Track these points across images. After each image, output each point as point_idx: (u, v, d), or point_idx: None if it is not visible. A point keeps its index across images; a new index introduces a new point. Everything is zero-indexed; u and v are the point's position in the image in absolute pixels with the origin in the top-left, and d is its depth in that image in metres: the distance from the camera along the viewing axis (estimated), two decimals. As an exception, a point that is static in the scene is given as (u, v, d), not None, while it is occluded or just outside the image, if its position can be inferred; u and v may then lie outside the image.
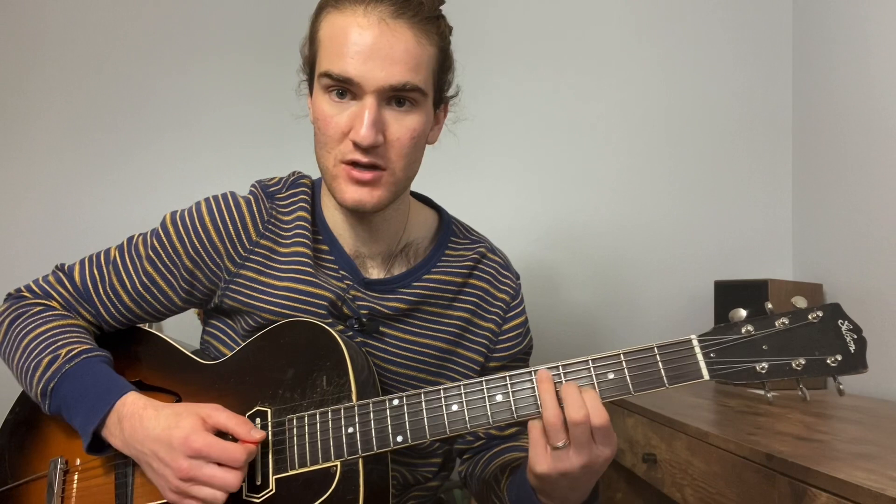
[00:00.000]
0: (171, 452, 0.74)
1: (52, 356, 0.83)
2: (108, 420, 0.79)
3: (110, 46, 1.84)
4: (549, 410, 0.69)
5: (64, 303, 0.92)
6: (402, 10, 0.78)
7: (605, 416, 0.69)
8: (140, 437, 0.77)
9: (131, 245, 0.93)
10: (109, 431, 0.80)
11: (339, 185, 0.83)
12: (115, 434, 0.79)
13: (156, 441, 0.75)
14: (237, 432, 0.76)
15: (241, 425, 0.77)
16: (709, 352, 0.70)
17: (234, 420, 0.77)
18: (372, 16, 0.78)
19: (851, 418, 1.20)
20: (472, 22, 1.84)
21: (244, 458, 0.74)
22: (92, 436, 0.80)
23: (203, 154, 1.84)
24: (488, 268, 0.99)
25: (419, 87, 0.80)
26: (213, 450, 0.74)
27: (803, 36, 1.85)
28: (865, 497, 0.70)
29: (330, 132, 0.81)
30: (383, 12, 0.78)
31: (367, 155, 0.80)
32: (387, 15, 0.78)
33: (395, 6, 0.78)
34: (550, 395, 0.70)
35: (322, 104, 0.82)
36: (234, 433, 0.76)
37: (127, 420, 0.78)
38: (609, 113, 1.89)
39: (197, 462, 0.73)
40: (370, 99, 0.79)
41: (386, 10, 0.78)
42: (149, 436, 0.76)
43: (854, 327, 0.69)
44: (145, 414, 0.78)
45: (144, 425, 0.77)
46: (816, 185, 1.78)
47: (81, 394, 0.81)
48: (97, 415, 0.79)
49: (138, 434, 0.77)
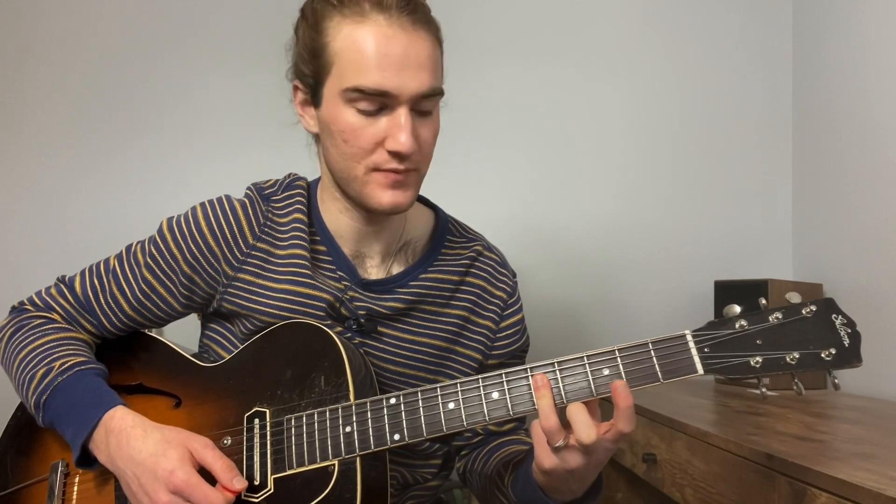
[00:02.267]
0: (153, 482, 0.74)
1: (46, 369, 0.84)
2: (96, 433, 0.79)
3: (108, 47, 1.84)
4: (546, 420, 0.69)
5: (65, 314, 0.93)
6: (417, 15, 0.79)
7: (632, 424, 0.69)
8: (124, 455, 0.77)
9: (130, 254, 0.93)
10: (96, 445, 0.80)
11: (372, 191, 0.83)
12: (101, 448, 0.79)
13: (140, 465, 0.75)
14: (220, 478, 0.75)
15: (225, 471, 0.75)
16: (703, 346, 0.70)
17: (221, 463, 0.76)
18: (395, 24, 0.78)
19: (851, 418, 1.19)
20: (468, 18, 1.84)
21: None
22: (81, 448, 0.80)
23: (201, 155, 1.84)
24: (485, 265, 0.99)
25: (442, 90, 0.83)
26: (195, 492, 0.73)
27: (803, 36, 1.85)
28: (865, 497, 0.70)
29: (361, 143, 0.81)
30: (403, 21, 0.78)
31: (404, 162, 0.81)
32: (406, 23, 0.78)
33: (410, 12, 0.79)
34: (546, 401, 0.70)
35: (346, 116, 0.81)
36: (217, 477, 0.75)
37: (114, 436, 0.78)
38: (610, 113, 1.90)
39: (176, 499, 0.73)
40: (404, 109, 0.79)
41: (405, 17, 0.78)
42: (133, 458, 0.76)
43: (848, 321, 0.69)
44: (133, 433, 0.77)
45: (130, 445, 0.77)
46: (816, 185, 1.78)
47: (71, 406, 0.81)
48: (85, 427, 0.79)
49: (122, 452, 0.77)
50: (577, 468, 0.70)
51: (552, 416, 0.69)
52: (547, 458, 0.71)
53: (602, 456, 0.71)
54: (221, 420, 0.84)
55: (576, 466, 0.70)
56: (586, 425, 0.68)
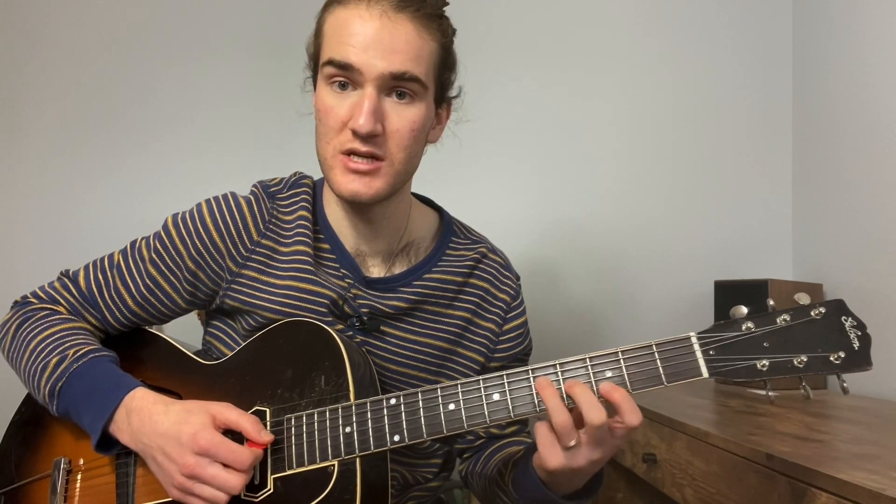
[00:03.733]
0: (178, 448, 0.74)
1: (60, 357, 0.83)
2: (117, 415, 0.80)
3: (111, 45, 1.84)
4: (558, 415, 0.69)
5: (70, 308, 0.93)
6: (405, 6, 0.80)
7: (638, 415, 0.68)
8: (148, 430, 0.77)
9: (134, 249, 0.93)
10: (117, 426, 0.80)
11: (336, 176, 0.83)
12: (122, 429, 0.79)
13: (164, 436, 0.76)
14: (247, 431, 0.76)
15: (251, 424, 0.77)
16: (708, 349, 0.69)
17: (245, 419, 0.77)
18: (374, 9, 0.79)
19: (852, 418, 1.19)
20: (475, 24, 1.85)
21: (250, 461, 0.74)
22: (101, 432, 0.80)
23: (204, 153, 1.84)
24: (489, 268, 0.99)
25: (419, 78, 0.81)
26: (221, 450, 0.73)
27: (803, 36, 1.85)
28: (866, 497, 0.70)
29: (330, 122, 0.82)
30: (385, 7, 0.79)
31: (366, 144, 0.80)
32: (389, 9, 0.79)
33: (398, 1, 0.79)
34: (556, 399, 0.69)
35: (324, 95, 0.82)
36: (244, 431, 0.76)
37: (136, 414, 0.78)
38: (609, 113, 1.89)
39: (203, 460, 0.73)
40: (370, 88, 0.79)
41: (388, 4, 0.79)
42: (157, 431, 0.76)
43: (858, 324, 0.68)
44: (154, 409, 0.78)
45: (154, 420, 0.77)
46: (816, 185, 1.78)
47: (90, 391, 0.81)
48: (106, 410, 0.79)
49: (146, 428, 0.77)
50: (584, 466, 0.70)
51: (565, 412, 0.69)
52: (554, 457, 0.70)
53: (608, 452, 0.71)
54: (222, 419, 0.83)
55: (583, 464, 0.70)
56: (594, 405, 0.68)
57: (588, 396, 0.68)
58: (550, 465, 0.71)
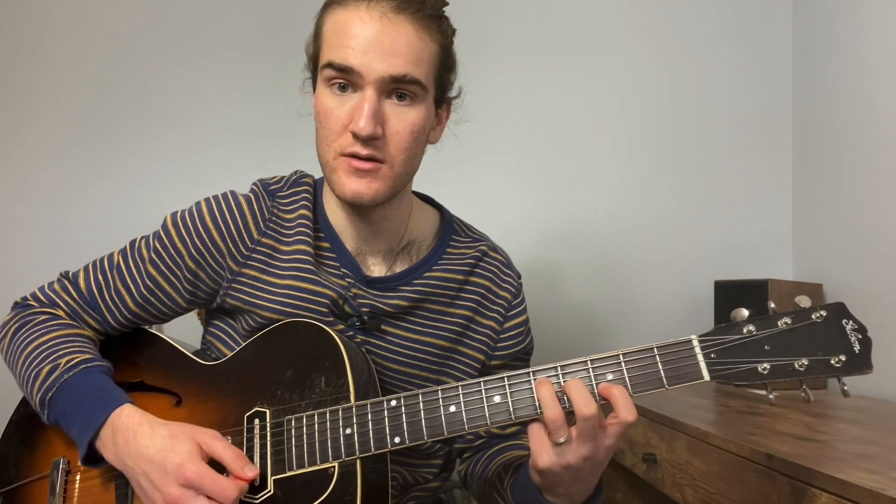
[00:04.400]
0: (163, 477, 0.73)
1: (52, 366, 0.83)
2: (103, 432, 0.79)
3: (111, 44, 1.84)
4: (550, 409, 0.69)
5: (69, 310, 0.92)
6: (405, 7, 0.79)
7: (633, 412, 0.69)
8: (133, 452, 0.76)
9: (134, 249, 0.93)
10: (103, 443, 0.79)
11: (338, 178, 0.82)
12: (108, 447, 0.78)
13: (149, 462, 0.74)
14: (231, 467, 0.75)
15: (235, 460, 0.75)
16: (709, 352, 0.69)
17: (230, 453, 0.76)
18: (374, 11, 0.79)
19: (852, 418, 1.20)
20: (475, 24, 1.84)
21: (235, 495, 0.73)
22: (87, 447, 0.79)
23: (204, 153, 1.84)
24: (490, 266, 0.98)
25: (419, 81, 0.81)
26: (206, 482, 0.72)
27: (803, 38, 1.85)
28: (866, 497, 0.70)
29: (331, 125, 0.81)
30: (385, 8, 0.79)
31: (366, 147, 0.80)
32: (389, 10, 0.79)
33: (398, 2, 0.79)
34: (550, 394, 0.70)
35: (323, 98, 0.82)
36: (227, 466, 0.75)
37: (121, 433, 0.77)
38: (609, 114, 1.89)
39: (188, 492, 0.72)
40: (370, 90, 0.79)
41: (388, 6, 0.79)
42: (141, 454, 0.75)
43: (859, 327, 0.68)
44: (140, 430, 0.77)
45: (139, 442, 0.76)
46: (816, 186, 1.78)
47: (78, 404, 0.80)
48: (92, 426, 0.78)
49: (131, 450, 0.76)
50: (574, 464, 0.69)
51: (557, 407, 0.69)
52: (544, 455, 0.70)
53: (601, 453, 0.70)
54: (222, 419, 0.83)
55: (573, 461, 0.69)
56: (586, 399, 0.68)
57: (581, 390, 0.69)
58: (540, 464, 0.70)
